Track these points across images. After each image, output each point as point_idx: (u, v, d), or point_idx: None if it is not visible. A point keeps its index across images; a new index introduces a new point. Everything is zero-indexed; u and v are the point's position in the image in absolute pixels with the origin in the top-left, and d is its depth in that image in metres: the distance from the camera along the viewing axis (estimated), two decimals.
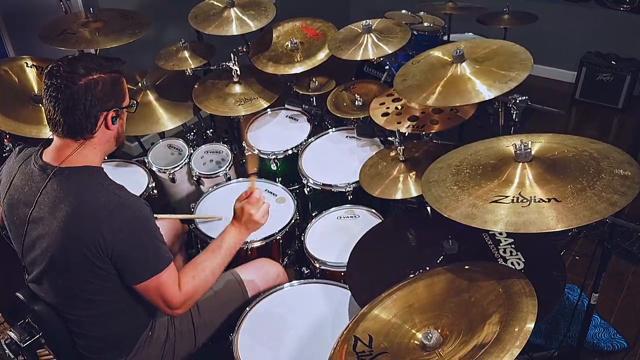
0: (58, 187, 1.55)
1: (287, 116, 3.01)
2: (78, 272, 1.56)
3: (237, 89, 2.97)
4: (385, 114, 2.53)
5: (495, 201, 1.49)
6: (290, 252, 2.39)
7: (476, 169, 1.67)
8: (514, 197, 1.48)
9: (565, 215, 1.37)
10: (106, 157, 2.68)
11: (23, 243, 1.64)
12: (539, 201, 1.44)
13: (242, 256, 2.24)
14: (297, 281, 2.05)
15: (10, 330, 1.71)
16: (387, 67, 3.24)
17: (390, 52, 2.64)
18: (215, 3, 3.02)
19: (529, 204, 1.44)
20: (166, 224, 2.34)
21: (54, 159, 1.59)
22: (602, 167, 1.51)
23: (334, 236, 2.29)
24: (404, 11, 4.15)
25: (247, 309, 1.92)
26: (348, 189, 2.45)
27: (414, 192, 2.19)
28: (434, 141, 2.52)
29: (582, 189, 1.44)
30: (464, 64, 2.09)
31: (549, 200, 1.43)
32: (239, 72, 2.94)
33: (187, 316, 1.92)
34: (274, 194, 2.52)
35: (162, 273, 1.59)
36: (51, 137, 1.64)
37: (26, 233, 1.61)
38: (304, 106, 2.92)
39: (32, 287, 1.71)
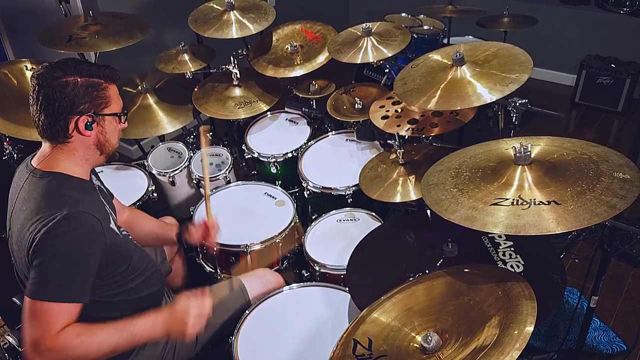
0: (28, 189, 1.54)
1: (287, 119, 3.01)
2: None
3: (237, 92, 2.97)
4: (385, 117, 2.53)
5: (495, 204, 1.49)
6: (290, 255, 2.39)
7: (476, 172, 1.67)
8: (513, 199, 1.48)
9: (565, 218, 1.37)
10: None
11: (9, 243, 1.64)
12: (539, 204, 1.44)
13: (242, 259, 2.25)
14: (296, 284, 2.04)
15: (9, 335, 1.71)
16: (387, 70, 3.25)
17: (390, 55, 2.64)
18: (215, 6, 3.02)
19: (529, 207, 1.44)
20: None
21: (36, 162, 1.60)
22: (601, 170, 1.51)
23: (334, 239, 2.28)
24: (403, 14, 4.16)
25: (247, 312, 1.92)
26: (348, 192, 2.45)
27: (413, 196, 2.19)
28: (434, 144, 2.52)
29: (581, 191, 1.44)
30: (464, 67, 2.09)
31: (549, 202, 1.43)
32: (238, 75, 2.94)
33: None
34: (273, 197, 2.52)
35: (49, 303, 1.42)
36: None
37: (9, 235, 1.61)
38: (303, 109, 2.92)
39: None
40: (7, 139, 2.64)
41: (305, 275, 2.28)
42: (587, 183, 1.47)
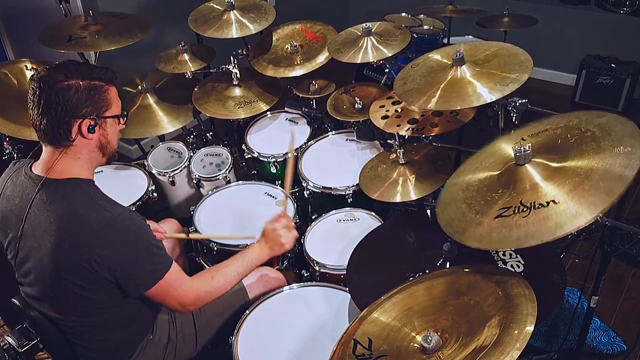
0: (47, 200, 1.53)
1: (287, 119, 3.01)
2: (71, 287, 1.54)
3: (237, 91, 2.97)
4: (385, 117, 2.53)
5: (500, 215, 1.48)
6: (290, 255, 2.39)
7: (482, 182, 1.65)
8: (515, 207, 1.46)
9: (567, 217, 1.35)
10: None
11: (16, 256, 1.62)
12: (538, 207, 1.42)
13: None
14: (296, 284, 2.04)
15: (9, 335, 1.70)
16: (387, 70, 3.25)
17: (390, 55, 2.64)
18: (215, 6, 3.02)
19: (529, 213, 1.42)
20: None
21: (42, 170, 1.58)
22: (602, 148, 1.46)
23: (334, 239, 2.28)
24: (403, 14, 4.15)
25: (247, 312, 1.92)
26: (348, 192, 2.45)
27: (413, 196, 2.19)
28: (434, 144, 2.52)
29: (579, 182, 1.41)
30: (464, 66, 2.09)
31: (547, 204, 1.42)
32: (238, 75, 2.94)
33: (190, 319, 1.92)
34: (273, 197, 2.52)
35: (165, 277, 1.59)
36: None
37: (19, 246, 1.59)
38: (303, 109, 2.92)
39: (27, 299, 1.70)
40: (7, 139, 2.64)
41: (305, 275, 2.28)
42: (586, 169, 1.43)
